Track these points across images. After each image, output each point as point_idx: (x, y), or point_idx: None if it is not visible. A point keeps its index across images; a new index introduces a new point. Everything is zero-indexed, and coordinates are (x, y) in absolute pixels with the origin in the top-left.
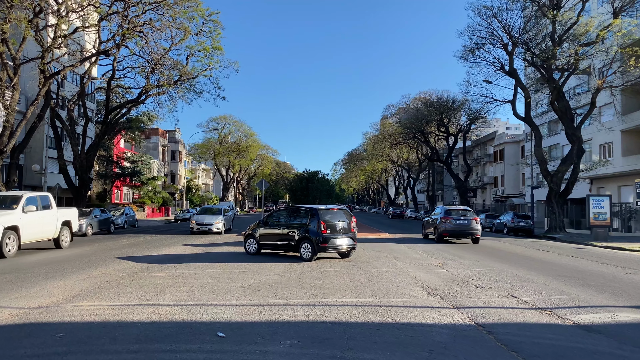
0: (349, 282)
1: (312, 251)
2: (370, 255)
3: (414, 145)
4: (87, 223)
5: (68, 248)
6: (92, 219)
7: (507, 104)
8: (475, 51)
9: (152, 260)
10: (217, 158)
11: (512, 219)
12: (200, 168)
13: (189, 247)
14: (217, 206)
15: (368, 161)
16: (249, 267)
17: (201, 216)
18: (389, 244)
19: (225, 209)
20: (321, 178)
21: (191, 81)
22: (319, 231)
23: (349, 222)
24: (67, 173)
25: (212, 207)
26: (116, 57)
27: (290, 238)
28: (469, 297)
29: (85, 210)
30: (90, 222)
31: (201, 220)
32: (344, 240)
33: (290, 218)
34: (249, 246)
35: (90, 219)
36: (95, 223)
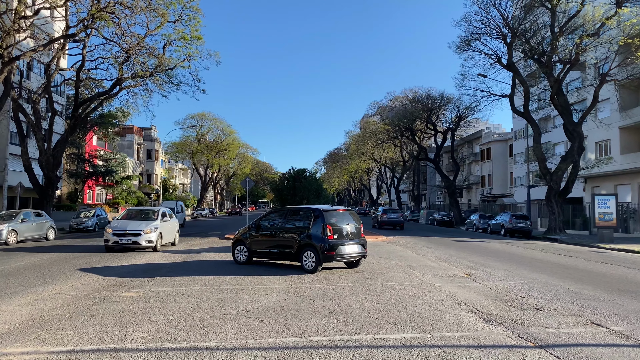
0: (375, 304)
1: (317, 261)
2: (380, 264)
3: (399, 144)
4: (9, 229)
5: (26, 256)
6: (18, 224)
7: (504, 98)
8: (471, 42)
9: (121, 273)
10: (195, 157)
11: (510, 220)
12: (178, 167)
13: (166, 254)
14: (152, 208)
15: (352, 160)
16: (242, 281)
17: (124, 222)
18: (391, 248)
19: (165, 212)
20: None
21: (168, 72)
22: (325, 237)
23: (358, 226)
24: (32, 171)
25: (144, 210)
26: (86, 44)
27: (288, 245)
28: (542, 327)
29: (12, 212)
30: (14, 227)
31: (122, 228)
32: (353, 247)
33: (288, 221)
34: (238, 254)
35: (14, 223)
36: (22, 229)
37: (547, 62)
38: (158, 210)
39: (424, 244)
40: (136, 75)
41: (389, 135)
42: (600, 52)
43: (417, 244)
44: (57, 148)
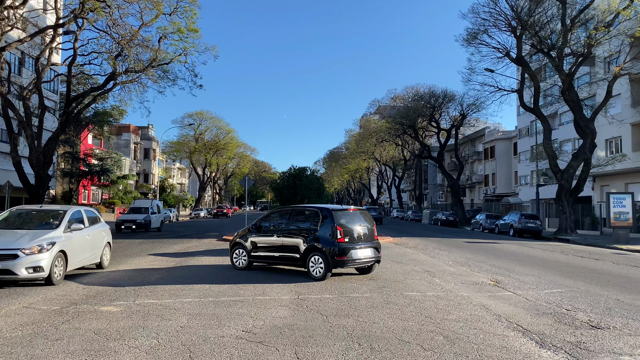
0: (400, 322)
1: (325, 267)
2: (394, 270)
3: (400, 142)
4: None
5: None
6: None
7: (511, 94)
8: (478, 35)
9: (105, 280)
10: (193, 156)
11: (519, 220)
12: (175, 167)
13: (158, 257)
14: (52, 208)
15: (353, 159)
16: (241, 291)
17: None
18: (401, 251)
19: (80, 216)
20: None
21: (164, 67)
22: (334, 240)
23: (371, 228)
24: (22, 170)
25: (38, 211)
26: (77, 37)
27: (293, 248)
28: (613, 353)
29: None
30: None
31: None
32: (366, 251)
33: (292, 222)
34: (237, 259)
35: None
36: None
37: (558, 56)
38: (64, 211)
39: (435, 246)
40: (130, 69)
41: (391, 134)
42: (613, 45)
43: (428, 246)
44: (47, 145)
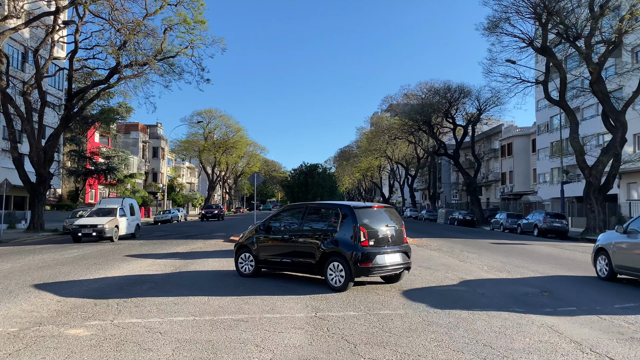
0: (454, 354)
1: (347, 275)
2: (425, 277)
3: (414, 139)
4: None
5: None
6: None
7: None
8: (500, 24)
9: (89, 290)
10: (202, 155)
11: (544, 219)
12: (185, 166)
13: (158, 260)
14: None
15: (365, 157)
16: (246, 306)
17: None
18: (426, 253)
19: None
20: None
21: (170, 60)
22: (357, 243)
23: (399, 228)
24: (23, 167)
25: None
26: (78, 28)
27: (308, 253)
28: None
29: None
30: None
31: None
32: (395, 256)
33: (306, 221)
34: (243, 264)
35: None
36: None
37: (587, 44)
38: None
39: (461, 248)
40: (135, 62)
41: (404, 131)
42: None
43: (453, 248)
44: (48, 142)
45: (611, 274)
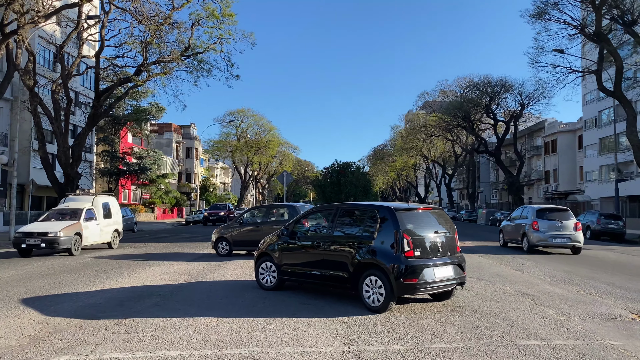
0: None
1: (387, 293)
2: (478, 292)
3: (451, 137)
4: None
5: None
6: None
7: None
8: (548, 10)
9: (79, 308)
10: (235, 155)
11: (597, 220)
12: (218, 166)
13: (174, 266)
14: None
15: (400, 156)
16: (261, 334)
17: None
18: (474, 260)
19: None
20: (356, 171)
21: (198, 57)
22: (400, 253)
23: (451, 235)
24: (50, 167)
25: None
26: (104, 23)
27: (339, 264)
28: None
29: None
30: None
31: None
32: (447, 270)
33: (337, 226)
34: (264, 275)
35: None
36: None
37: None
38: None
39: (514, 253)
40: (162, 59)
41: (441, 128)
42: None
43: (504, 254)
44: (76, 142)
45: None
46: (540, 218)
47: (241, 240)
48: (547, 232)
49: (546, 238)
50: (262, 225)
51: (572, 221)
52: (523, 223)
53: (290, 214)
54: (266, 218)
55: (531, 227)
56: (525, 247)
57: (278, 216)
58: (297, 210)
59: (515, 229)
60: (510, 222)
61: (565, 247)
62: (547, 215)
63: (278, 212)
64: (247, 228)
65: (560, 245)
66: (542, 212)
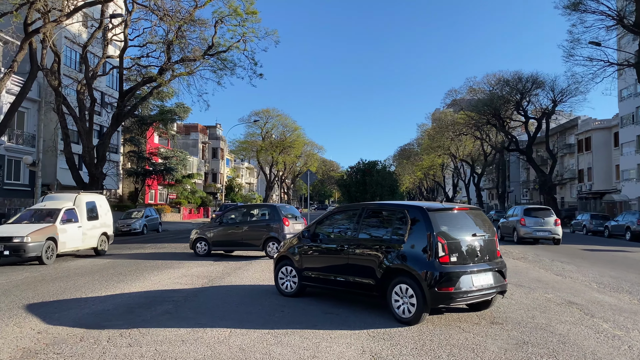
0: None
1: (419, 303)
2: (519, 299)
3: (480, 135)
4: None
5: None
6: None
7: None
8: (583, 1)
9: (85, 315)
10: (260, 155)
11: (638, 221)
12: (244, 166)
13: (194, 268)
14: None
15: (427, 155)
16: (277, 349)
17: None
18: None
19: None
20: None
21: (222, 55)
22: (434, 259)
23: (490, 238)
24: (76, 167)
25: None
26: (127, 22)
27: (365, 269)
28: None
29: None
30: None
31: None
32: (486, 277)
33: (363, 227)
34: (284, 280)
35: None
36: None
37: None
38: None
39: (550, 256)
40: (186, 58)
41: (469, 126)
42: None
43: (540, 256)
44: (100, 142)
45: None
46: (527, 216)
47: (220, 240)
48: (532, 227)
49: (531, 232)
50: (242, 225)
51: (552, 218)
52: (514, 220)
53: (270, 214)
54: (246, 218)
55: (519, 222)
56: (515, 239)
57: (258, 216)
58: (278, 210)
59: (508, 225)
60: (505, 220)
61: (547, 239)
62: (533, 213)
63: (258, 213)
64: (227, 228)
65: (543, 237)
66: (529, 210)
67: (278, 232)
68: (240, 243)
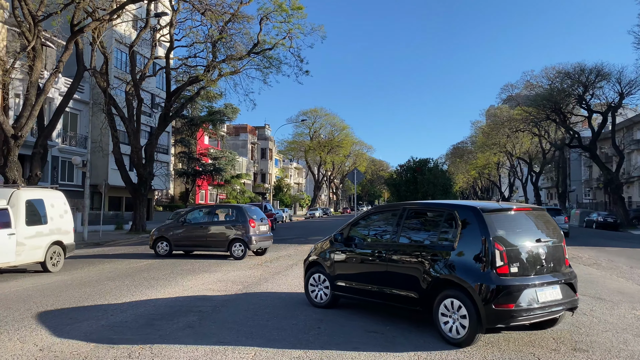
0: None
1: (472, 322)
2: (599, 315)
3: (538, 131)
4: None
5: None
6: None
7: None
8: None
9: (97, 329)
10: (308, 155)
11: None
12: (292, 167)
13: (230, 273)
14: None
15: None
16: None
17: None
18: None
19: None
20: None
21: (268, 53)
22: (490, 269)
23: (558, 244)
24: (124, 168)
25: None
26: (173, 21)
27: (406, 279)
28: None
29: None
30: None
31: None
32: (554, 291)
33: (404, 230)
34: (315, 289)
35: None
36: None
37: None
38: None
39: (624, 262)
40: (231, 57)
41: (527, 122)
42: None
43: (615, 262)
44: (148, 142)
45: None
46: None
47: (183, 241)
48: None
49: None
50: (207, 226)
51: (562, 217)
52: None
53: (236, 215)
54: (211, 218)
55: None
56: None
57: (223, 217)
58: (244, 211)
59: None
60: None
61: None
62: None
63: (222, 213)
64: (190, 228)
65: None
66: None
67: (244, 233)
68: (204, 243)
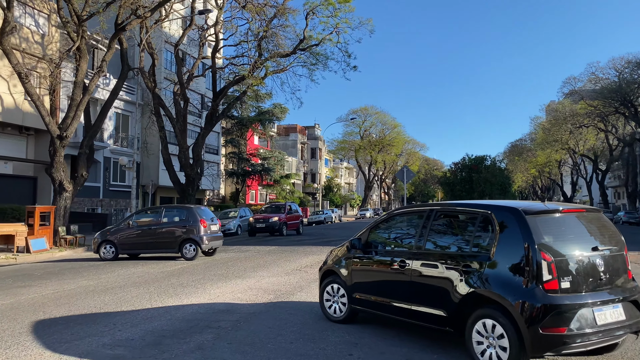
0: None
1: (512, 348)
2: None
3: (605, 127)
4: None
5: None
6: None
7: None
8: None
9: (96, 349)
10: (358, 154)
11: None
12: (343, 166)
13: (264, 280)
14: None
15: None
16: None
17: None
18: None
19: None
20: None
21: (314, 49)
22: (535, 284)
23: (618, 252)
24: (173, 168)
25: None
26: (218, 19)
27: (433, 294)
28: None
29: None
30: None
31: None
32: (615, 311)
33: (431, 235)
34: (331, 301)
35: None
36: None
37: None
38: None
39: None
40: (277, 54)
41: (591, 117)
42: None
43: None
44: (195, 142)
45: None
46: None
47: (129, 244)
48: None
49: None
50: (155, 227)
51: None
52: None
53: (186, 215)
54: (160, 219)
55: None
56: None
57: (172, 217)
58: (194, 212)
59: None
60: None
61: None
62: None
63: (171, 214)
64: (137, 231)
65: None
66: None
67: (195, 233)
68: (154, 245)
